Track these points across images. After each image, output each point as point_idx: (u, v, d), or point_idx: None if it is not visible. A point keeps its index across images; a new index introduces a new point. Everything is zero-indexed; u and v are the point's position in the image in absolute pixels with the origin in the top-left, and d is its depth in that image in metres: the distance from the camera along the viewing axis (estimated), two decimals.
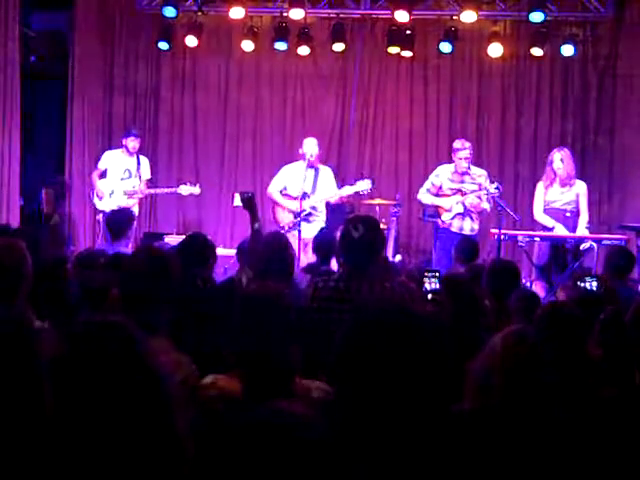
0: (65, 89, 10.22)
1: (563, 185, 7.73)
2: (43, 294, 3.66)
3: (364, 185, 7.97)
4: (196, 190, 8.86)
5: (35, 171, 10.01)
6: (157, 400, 1.60)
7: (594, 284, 4.90)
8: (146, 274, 2.91)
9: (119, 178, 8.76)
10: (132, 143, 8.80)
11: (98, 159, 9.08)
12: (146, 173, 8.93)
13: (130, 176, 8.78)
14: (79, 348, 1.60)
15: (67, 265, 4.32)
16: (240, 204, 5.25)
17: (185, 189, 8.84)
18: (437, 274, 3.44)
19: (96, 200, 8.81)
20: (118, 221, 6.54)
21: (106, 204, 8.67)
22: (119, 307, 2.92)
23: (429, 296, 3.44)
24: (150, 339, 1.76)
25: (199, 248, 4.64)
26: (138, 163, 8.84)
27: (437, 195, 8.04)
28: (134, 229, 7.57)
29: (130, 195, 8.74)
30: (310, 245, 6.64)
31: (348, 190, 8.09)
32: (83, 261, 4.60)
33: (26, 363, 1.58)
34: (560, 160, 7.69)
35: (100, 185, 8.76)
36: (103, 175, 8.85)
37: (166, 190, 9.06)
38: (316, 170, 8.20)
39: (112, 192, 8.73)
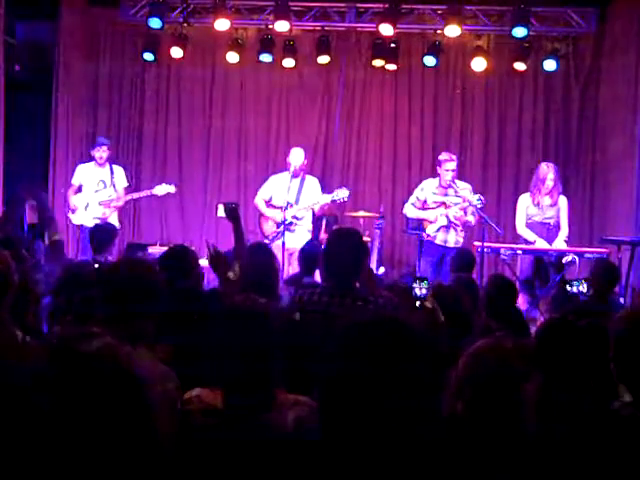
0: (49, 99, 10.19)
1: (554, 203, 7.81)
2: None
3: (341, 193, 8.05)
4: (171, 189, 8.82)
5: (18, 182, 9.94)
6: (138, 410, 1.61)
7: (582, 287, 4.89)
8: (129, 286, 2.90)
9: (93, 190, 8.72)
10: (98, 153, 8.75)
11: None
12: (122, 181, 8.88)
13: (105, 187, 8.73)
14: (60, 359, 1.61)
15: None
16: (224, 215, 5.20)
17: (160, 189, 8.78)
18: (425, 281, 3.46)
19: (70, 215, 8.76)
20: (102, 235, 6.54)
21: (82, 217, 8.64)
22: (104, 319, 2.91)
23: (417, 303, 3.45)
24: (133, 350, 1.77)
25: (181, 260, 4.58)
26: (112, 172, 8.78)
27: (422, 209, 8.08)
28: (116, 243, 7.51)
29: (106, 205, 8.68)
30: (295, 255, 6.66)
31: (325, 198, 8.17)
32: (70, 273, 4.58)
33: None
34: (552, 173, 7.78)
35: (74, 200, 8.73)
36: (80, 190, 8.80)
37: (142, 194, 9.01)
38: (302, 180, 8.28)
39: (87, 205, 8.70)
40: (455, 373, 2.46)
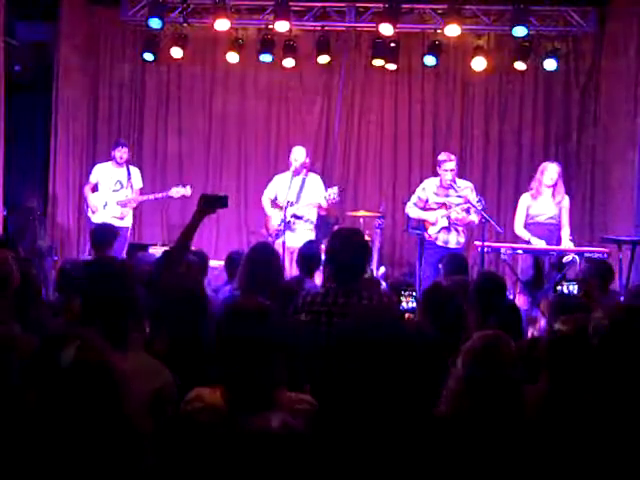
0: (49, 99, 10.18)
1: (557, 202, 7.79)
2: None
3: (332, 193, 8.08)
4: (187, 191, 8.86)
5: (18, 182, 9.95)
6: (115, 408, 1.68)
7: (573, 288, 4.87)
8: (105, 288, 2.91)
9: (111, 190, 8.88)
10: (119, 153, 8.91)
11: (85, 170, 9.16)
12: (138, 182, 9.04)
13: (122, 187, 8.90)
14: (43, 358, 1.67)
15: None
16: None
17: (176, 191, 8.86)
18: (414, 292, 3.44)
19: (90, 214, 8.91)
20: (101, 235, 6.57)
21: (101, 217, 8.77)
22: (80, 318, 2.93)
23: (406, 315, 3.43)
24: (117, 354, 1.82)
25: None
26: (128, 173, 8.94)
27: (424, 209, 8.05)
28: (122, 242, 7.63)
29: (123, 205, 8.84)
30: (295, 255, 6.68)
31: (320, 200, 8.19)
32: (66, 271, 4.61)
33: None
34: (556, 173, 7.76)
35: (93, 199, 8.88)
36: (95, 189, 8.95)
37: (159, 195, 9.11)
38: (303, 178, 8.30)
39: (105, 204, 8.85)
40: (454, 373, 2.47)
